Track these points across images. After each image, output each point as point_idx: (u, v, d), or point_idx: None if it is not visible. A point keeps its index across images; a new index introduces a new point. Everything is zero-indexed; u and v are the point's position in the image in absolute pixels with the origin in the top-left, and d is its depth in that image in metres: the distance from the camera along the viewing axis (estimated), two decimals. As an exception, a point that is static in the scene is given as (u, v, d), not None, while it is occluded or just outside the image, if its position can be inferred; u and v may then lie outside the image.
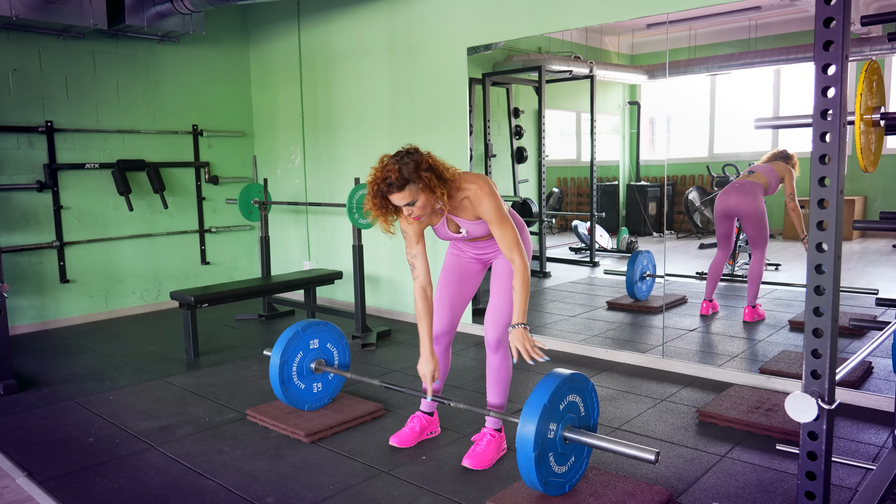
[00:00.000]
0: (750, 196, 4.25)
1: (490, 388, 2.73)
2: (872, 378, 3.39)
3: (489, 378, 2.73)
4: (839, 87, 1.43)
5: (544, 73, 5.07)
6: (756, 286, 4.30)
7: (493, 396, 2.73)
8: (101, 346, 4.66)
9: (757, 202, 4.23)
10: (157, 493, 2.50)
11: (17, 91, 4.97)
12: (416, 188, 2.29)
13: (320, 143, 5.72)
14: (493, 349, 2.68)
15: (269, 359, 3.07)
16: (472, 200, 2.43)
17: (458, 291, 2.76)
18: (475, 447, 2.70)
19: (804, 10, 3.73)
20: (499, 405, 2.73)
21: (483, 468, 2.63)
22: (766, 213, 4.24)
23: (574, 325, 4.66)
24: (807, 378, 1.51)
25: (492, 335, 2.65)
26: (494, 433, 2.72)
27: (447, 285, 2.76)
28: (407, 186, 2.28)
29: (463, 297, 2.78)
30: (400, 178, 2.26)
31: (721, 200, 4.36)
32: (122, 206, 5.49)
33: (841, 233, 1.48)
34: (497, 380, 2.71)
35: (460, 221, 2.53)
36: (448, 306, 2.75)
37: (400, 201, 2.31)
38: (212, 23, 5.82)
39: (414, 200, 2.31)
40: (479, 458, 2.65)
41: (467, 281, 2.77)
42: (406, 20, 4.90)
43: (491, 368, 2.71)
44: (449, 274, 2.77)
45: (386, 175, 2.27)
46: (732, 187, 4.33)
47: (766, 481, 2.48)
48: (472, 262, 2.76)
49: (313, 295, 5.00)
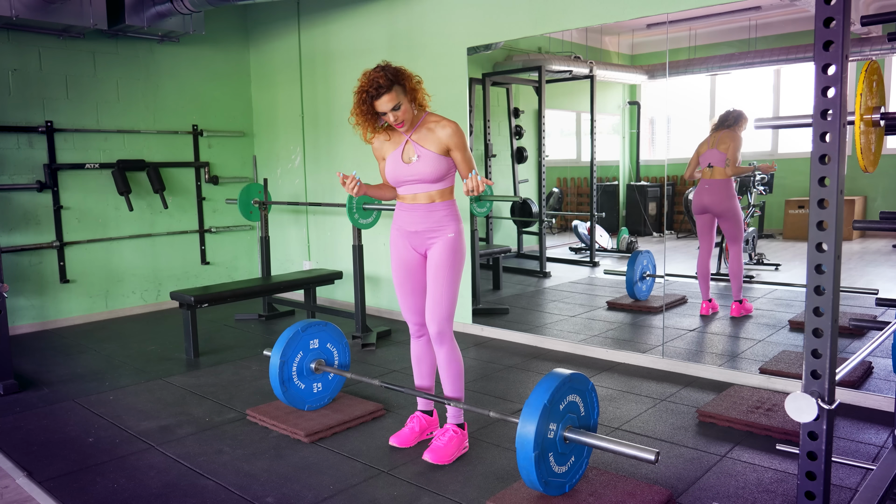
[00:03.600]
0: (723, 193, 4.33)
1: (444, 382, 2.75)
2: (872, 378, 3.39)
3: (441, 373, 2.74)
4: (839, 87, 1.43)
5: (544, 73, 5.08)
6: (738, 281, 4.36)
7: (449, 390, 2.74)
8: (100, 346, 4.66)
9: (730, 200, 4.33)
10: (157, 493, 2.50)
11: (17, 91, 4.97)
12: (401, 90, 2.52)
13: (320, 143, 5.72)
14: (438, 343, 2.69)
15: (269, 359, 3.07)
16: (436, 128, 2.60)
17: (414, 282, 2.74)
18: (436, 441, 2.72)
19: (804, 10, 3.73)
20: (455, 399, 2.74)
21: (444, 463, 2.65)
22: (739, 208, 4.34)
23: (574, 325, 4.66)
24: (807, 378, 1.51)
25: (434, 329, 2.66)
26: (457, 429, 2.74)
27: (402, 283, 2.76)
28: (393, 88, 2.49)
29: (419, 286, 2.76)
30: (387, 80, 2.48)
31: (696, 199, 4.44)
32: (122, 206, 5.49)
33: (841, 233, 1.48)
34: (448, 373, 2.72)
35: (417, 147, 2.60)
36: (411, 297, 2.76)
37: (387, 105, 2.50)
38: (212, 23, 5.82)
39: (399, 104, 2.51)
40: (441, 452, 2.66)
41: (415, 271, 2.74)
42: (406, 20, 4.90)
43: (441, 362, 2.72)
44: (398, 271, 2.76)
45: (373, 81, 2.48)
46: (703, 186, 4.38)
47: (766, 481, 2.48)
48: (412, 253, 2.72)
49: (313, 295, 5.00)
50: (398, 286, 2.78)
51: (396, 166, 2.65)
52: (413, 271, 2.74)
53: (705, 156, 4.35)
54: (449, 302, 2.64)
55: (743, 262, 4.38)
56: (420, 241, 2.68)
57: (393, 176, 2.68)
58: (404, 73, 2.56)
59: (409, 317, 2.80)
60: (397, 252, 2.75)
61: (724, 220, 4.36)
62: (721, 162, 4.27)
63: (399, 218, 2.72)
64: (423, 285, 2.75)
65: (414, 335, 2.85)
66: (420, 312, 2.78)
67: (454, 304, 2.67)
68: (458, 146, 2.61)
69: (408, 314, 2.80)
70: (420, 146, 2.60)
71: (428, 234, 2.66)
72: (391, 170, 2.68)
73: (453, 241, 2.64)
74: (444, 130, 2.59)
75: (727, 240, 4.40)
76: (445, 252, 2.63)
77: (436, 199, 2.64)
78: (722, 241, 4.67)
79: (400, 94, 2.51)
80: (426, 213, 2.64)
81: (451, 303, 2.65)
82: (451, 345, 2.70)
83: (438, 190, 2.64)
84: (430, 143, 2.60)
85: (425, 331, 2.81)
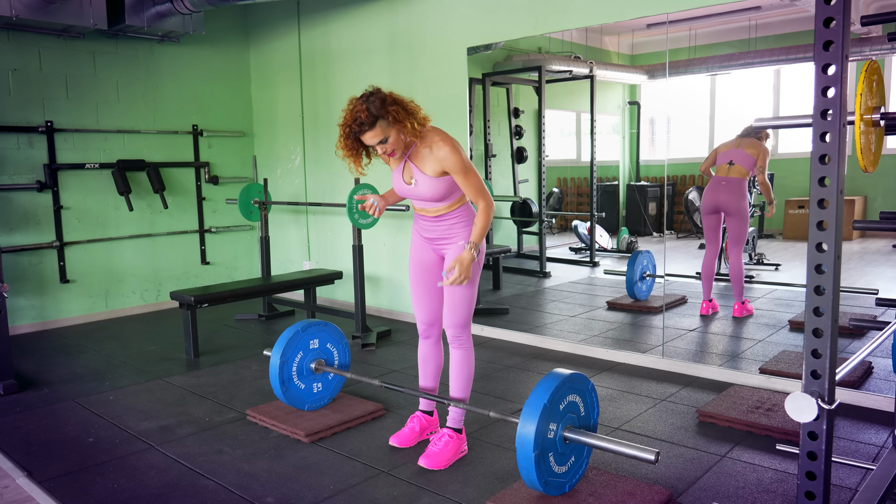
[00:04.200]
0: (736, 193, 4.32)
1: (452, 383, 2.75)
2: (872, 378, 3.39)
3: (451, 374, 2.75)
4: (839, 87, 1.43)
5: (544, 73, 5.07)
6: (740, 283, 4.36)
7: (456, 391, 2.74)
8: (101, 346, 4.66)
9: (742, 200, 4.32)
10: (156, 493, 2.50)
11: (17, 91, 4.97)
12: (386, 123, 2.40)
13: (320, 143, 5.72)
14: (456, 346, 2.70)
15: (269, 359, 3.07)
16: (433, 150, 2.49)
17: (428, 282, 2.74)
18: (431, 446, 2.70)
19: (804, 10, 3.73)
20: (461, 400, 2.74)
21: (439, 468, 2.63)
22: (748, 210, 4.34)
23: (574, 325, 4.66)
24: (807, 378, 1.51)
25: (450, 333, 2.68)
26: (453, 433, 2.72)
27: (415, 282, 2.77)
28: (377, 123, 2.39)
29: (432, 286, 2.75)
30: (369, 116, 2.37)
31: (708, 196, 4.40)
32: (122, 206, 5.49)
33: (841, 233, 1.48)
34: (458, 377, 2.73)
35: (415, 171, 2.55)
36: (424, 297, 2.76)
37: (373, 140, 2.42)
38: (212, 23, 5.82)
39: (386, 137, 2.42)
40: (436, 458, 2.64)
41: (429, 270, 2.74)
42: (406, 20, 4.90)
43: (454, 364, 2.73)
44: (414, 268, 2.77)
45: (356, 116, 2.39)
46: (718, 183, 4.37)
47: (766, 481, 2.48)
48: (429, 253, 2.72)
49: (313, 295, 5.00)
50: (412, 284, 2.78)
51: (400, 185, 2.64)
52: (427, 270, 2.73)
53: (727, 154, 4.32)
54: (466, 307, 2.64)
55: (743, 264, 4.38)
56: (436, 245, 2.70)
57: (399, 192, 2.69)
58: (392, 101, 2.41)
59: (419, 315, 2.79)
60: (415, 250, 2.75)
61: (732, 218, 4.34)
62: (745, 162, 4.25)
63: (415, 221, 2.75)
64: (435, 286, 2.74)
65: (421, 335, 2.84)
66: (429, 312, 2.77)
67: (471, 310, 2.67)
68: (456, 169, 2.47)
69: (417, 312, 2.79)
70: (418, 169, 2.54)
71: (441, 241, 2.66)
72: (396, 187, 2.67)
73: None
74: (440, 153, 2.47)
75: (731, 240, 4.39)
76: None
77: (443, 210, 2.61)
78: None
79: (385, 127, 2.40)
80: (436, 223, 2.64)
81: (468, 308, 2.65)
82: (467, 349, 2.70)
83: (445, 205, 2.61)
84: (427, 166, 2.52)
85: (433, 332, 2.81)
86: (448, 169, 2.49)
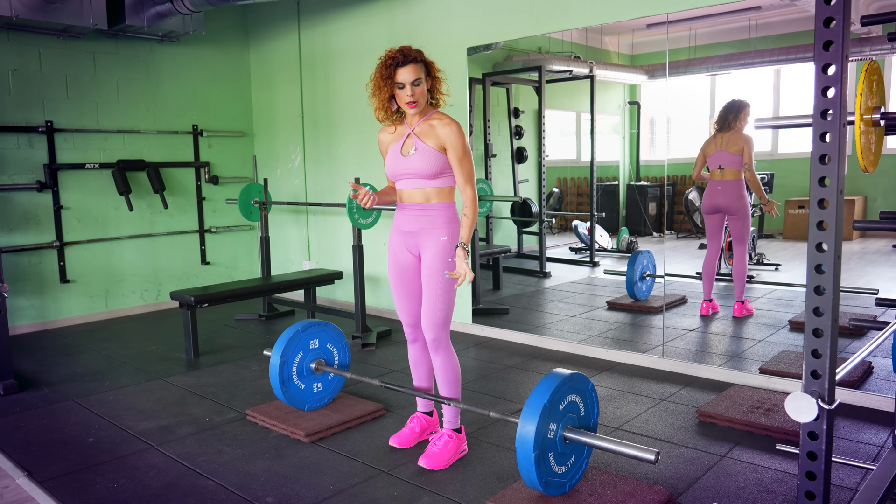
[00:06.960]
0: (735, 194, 4.33)
1: (440, 388, 2.73)
2: (872, 378, 3.39)
3: (437, 378, 2.74)
4: (839, 87, 1.43)
5: (544, 73, 5.07)
6: (742, 282, 4.37)
7: (446, 393, 2.73)
8: (101, 346, 4.66)
9: (742, 199, 4.33)
10: (156, 493, 2.50)
11: (17, 91, 4.97)
12: (424, 71, 2.54)
13: (320, 143, 5.72)
14: (434, 350, 2.67)
15: (269, 359, 3.07)
16: (439, 126, 2.56)
17: (407, 283, 2.73)
18: (431, 446, 2.69)
19: (804, 10, 3.73)
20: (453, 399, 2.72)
21: (439, 468, 2.62)
22: (750, 207, 4.35)
23: (574, 325, 4.66)
24: (807, 378, 1.51)
25: (429, 335, 2.65)
26: (452, 433, 2.71)
27: (396, 285, 2.75)
28: (418, 63, 2.51)
29: (413, 288, 2.74)
30: (414, 52, 2.51)
31: (707, 200, 4.42)
32: (122, 206, 5.49)
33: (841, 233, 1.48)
34: (444, 380, 2.71)
35: (417, 141, 2.58)
36: (405, 299, 2.74)
37: (409, 75, 2.49)
38: (212, 23, 5.82)
39: (419, 80, 2.51)
40: (436, 458, 2.64)
41: (408, 273, 2.73)
42: (406, 20, 4.90)
43: (437, 369, 2.71)
44: (393, 272, 2.75)
45: (402, 49, 2.50)
46: (715, 188, 4.38)
47: (766, 481, 2.48)
48: (406, 255, 2.71)
49: (313, 295, 5.00)
50: (393, 287, 2.77)
51: (395, 159, 2.64)
52: (406, 272, 2.72)
53: (714, 157, 4.34)
54: (443, 308, 2.61)
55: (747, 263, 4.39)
56: (413, 242, 2.66)
57: (391, 169, 2.67)
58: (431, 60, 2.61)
59: (403, 318, 2.79)
60: (393, 253, 2.74)
61: (735, 218, 4.36)
62: (733, 164, 4.27)
63: (396, 218, 2.72)
64: (416, 288, 2.73)
65: (409, 339, 2.83)
66: (412, 314, 2.75)
67: (450, 311, 2.64)
68: (456, 147, 2.55)
69: (401, 315, 2.79)
70: (420, 140, 2.59)
71: (421, 235, 2.63)
72: (390, 163, 2.67)
73: (446, 245, 2.59)
74: (445, 128, 2.55)
75: (734, 239, 4.40)
76: (438, 257, 2.59)
77: (431, 198, 2.61)
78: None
79: (423, 72, 2.53)
80: (420, 213, 2.62)
81: (446, 309, 2.62)
82: (446, 352, 2.68)
83: (434, 188, 2.60)
84: (429, 139, 2.58)
85: (419, 334, 2.79)
86: (449, 146, 2.56)
